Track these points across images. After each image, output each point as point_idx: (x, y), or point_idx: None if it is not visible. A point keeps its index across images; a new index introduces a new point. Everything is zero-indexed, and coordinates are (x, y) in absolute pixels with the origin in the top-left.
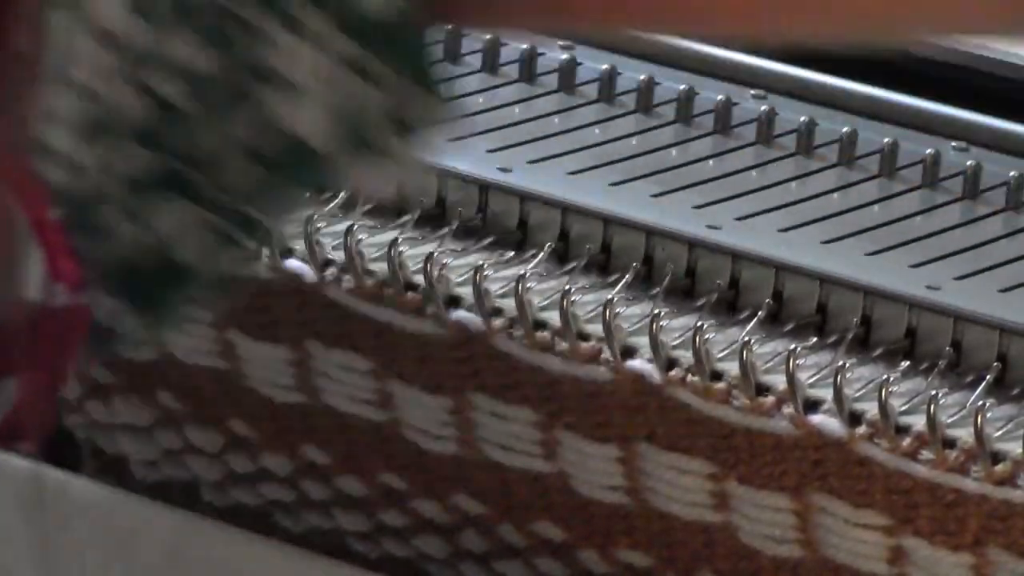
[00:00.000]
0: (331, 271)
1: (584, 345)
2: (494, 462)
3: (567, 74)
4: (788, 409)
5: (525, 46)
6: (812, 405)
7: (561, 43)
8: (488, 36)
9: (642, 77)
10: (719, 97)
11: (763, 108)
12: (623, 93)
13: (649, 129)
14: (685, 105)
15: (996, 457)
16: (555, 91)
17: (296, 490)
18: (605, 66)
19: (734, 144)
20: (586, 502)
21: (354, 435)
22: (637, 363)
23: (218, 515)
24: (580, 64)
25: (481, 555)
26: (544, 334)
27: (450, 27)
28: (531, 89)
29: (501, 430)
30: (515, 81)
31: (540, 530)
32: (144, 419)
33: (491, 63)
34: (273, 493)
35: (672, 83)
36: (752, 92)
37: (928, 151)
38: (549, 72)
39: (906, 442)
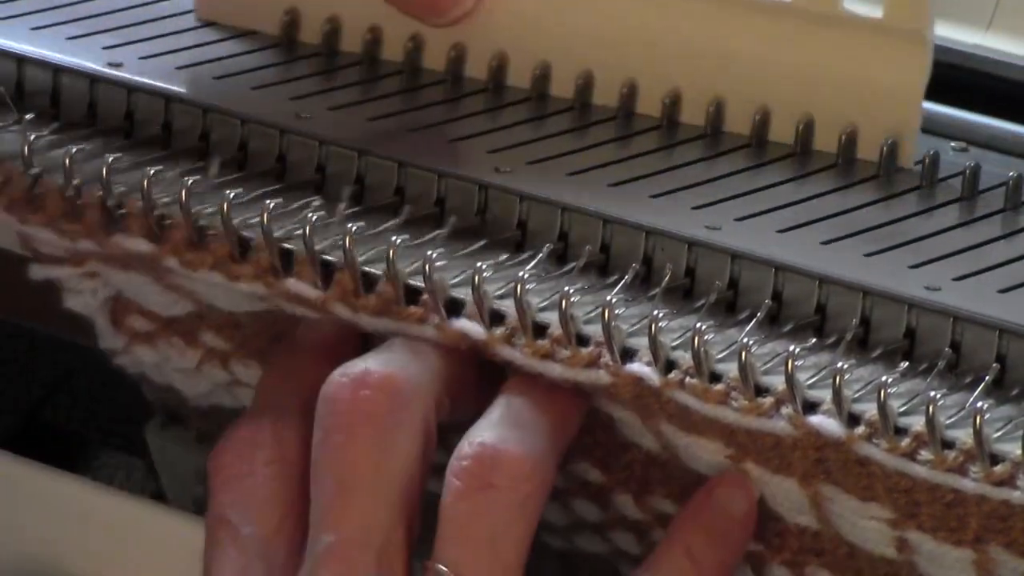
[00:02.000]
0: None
1: (583, 350)
2: None
3: None
4: (787, 410)
5: None
6: (811, 406)
7: None
8: None
9: None
10: None
11: None
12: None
13: (651, 128)
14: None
15: (995, 458)
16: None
17: None
18: None
19: (733, 144)
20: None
21: None
22: (636, 366)
23: None
24: None
25: None
26: (544, 342)
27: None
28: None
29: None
30: None
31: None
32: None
33: None
34: None
35: None
36: None
37: (927, 152)
38: None
39: (905, 442)
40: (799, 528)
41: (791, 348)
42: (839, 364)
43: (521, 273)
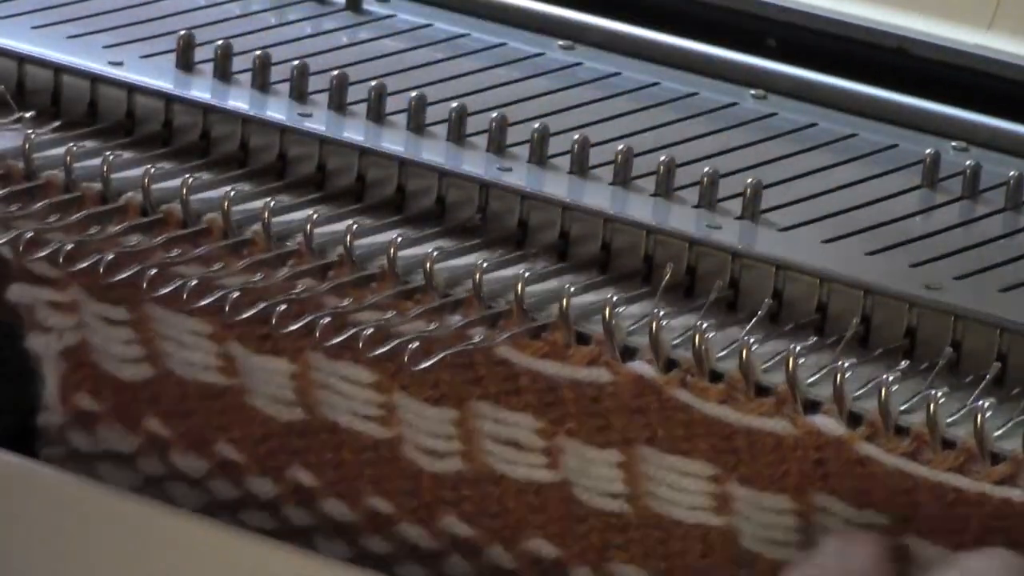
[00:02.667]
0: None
1: (584, 348)
2: (497, 475)
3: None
4: (788, 410)
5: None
6: (812, 405)
7: (561, 43)
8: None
9: (645, 79)
10: (720, 98)
11: (764, 109)
12: (625, 92)
13: (652, 128)
14: (687, 105)
15: (996, 457)
16: (559, 90)
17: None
18: (609, 68)
19: (734, 144)
20: (585, 513)
21: (347, 453)
22: (637, 364)
23: None
24: (580, 64)
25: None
26: (544, 341)
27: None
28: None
29: (504, 437)
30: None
31: (532, 548)
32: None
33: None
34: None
35: (674, 84)
36: (752, 92)
37: (928, 151)
38: (551, 71)
39: (905, 442)
40: (775, 567)
41: (792, 347)
42: (840, 363)
43: (523, 272)
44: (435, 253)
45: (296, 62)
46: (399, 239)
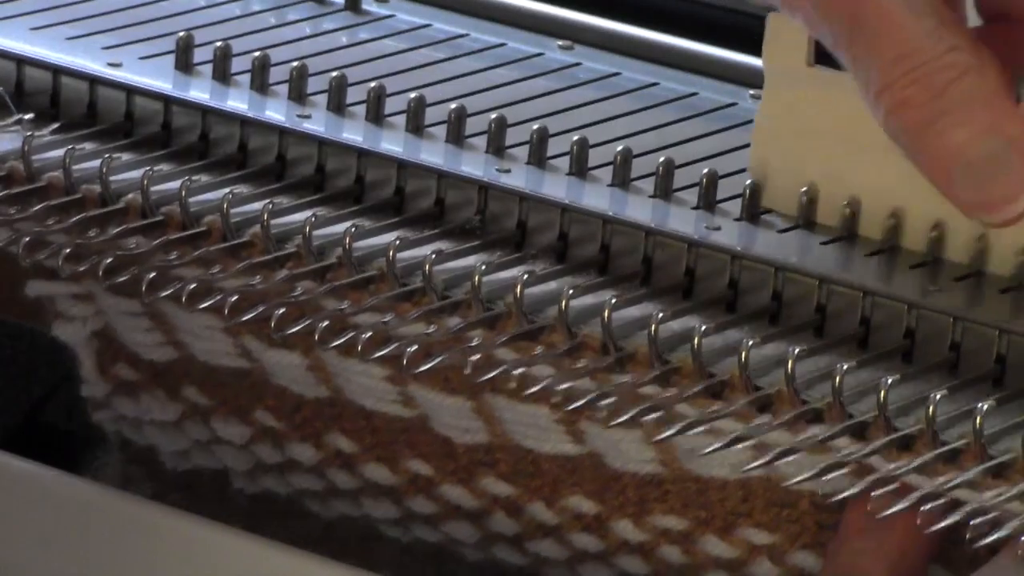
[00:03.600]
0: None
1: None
2: (525, 448)
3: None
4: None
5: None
6: (813, 412)
7: (561, 43)
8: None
9: (644, 79)
10: (720, 98)
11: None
12: (625, 93)
13: (651, 128)
14: (687, 105)
15: (992, 457)
16: (556, 91)
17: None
18: (608, 68)
19: (734, 144)
20: (620, 474)
21: (379, 421)
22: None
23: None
24: (580, 64)
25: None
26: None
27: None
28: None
29: (524, 423)
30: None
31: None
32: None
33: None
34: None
35: (674, 84)
36: (751, 92)
37: None
38: (551, 72)
39: (906, 460)
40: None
41: (791, 348)
42: (839, 364)
43: (521, 274)
44: (434, 256)
45: (295, 63)
46: (398, 241)
